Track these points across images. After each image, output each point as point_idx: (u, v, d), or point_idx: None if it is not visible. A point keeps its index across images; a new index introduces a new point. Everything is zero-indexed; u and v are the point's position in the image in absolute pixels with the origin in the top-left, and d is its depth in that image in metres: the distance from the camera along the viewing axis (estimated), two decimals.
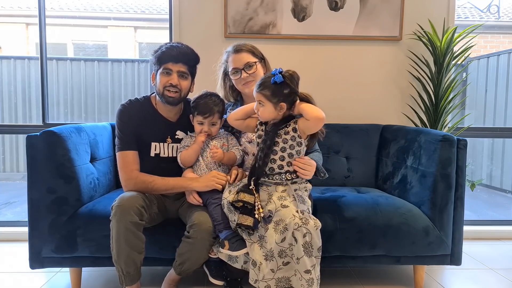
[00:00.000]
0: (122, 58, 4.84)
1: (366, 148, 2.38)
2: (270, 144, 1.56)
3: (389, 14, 2.59)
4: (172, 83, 1.71)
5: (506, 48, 5.15)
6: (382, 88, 2.66)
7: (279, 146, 1.57)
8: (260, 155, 1.57)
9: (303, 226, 1.44)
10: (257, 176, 1.56)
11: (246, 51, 1.81)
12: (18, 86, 4.72)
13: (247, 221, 1.49)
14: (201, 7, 2.56)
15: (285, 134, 1.57)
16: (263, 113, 1.57)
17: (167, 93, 1.72)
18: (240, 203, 1.51)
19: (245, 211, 1.51)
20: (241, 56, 1.80)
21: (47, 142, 1.71)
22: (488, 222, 2.94)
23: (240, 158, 1.78)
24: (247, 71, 1.79)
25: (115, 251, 1.57)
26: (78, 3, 5.31)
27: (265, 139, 1.57)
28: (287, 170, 1.58)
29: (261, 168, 1.56)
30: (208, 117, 1.72)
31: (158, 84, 1.73)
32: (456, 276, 2.14)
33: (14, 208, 4.01)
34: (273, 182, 1.59)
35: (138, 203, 1.57)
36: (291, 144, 1.57)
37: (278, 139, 1.57)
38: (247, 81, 1.80)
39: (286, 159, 1.58)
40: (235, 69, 1.80)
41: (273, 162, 1.58)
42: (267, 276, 1.48)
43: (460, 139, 1.83)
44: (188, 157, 1.74)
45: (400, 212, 1.82)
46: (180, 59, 1.72)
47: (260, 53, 1.86)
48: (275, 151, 1.57)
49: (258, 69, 1.81)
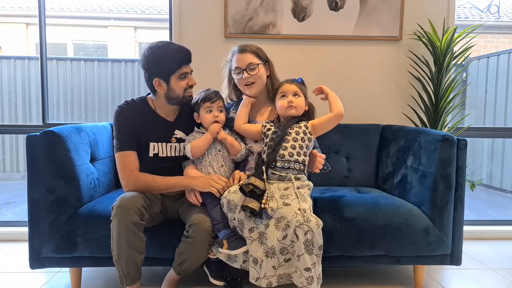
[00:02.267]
0: (122, 58, 4.84)
1: (366, 148, 2.38)
2: (283, 135, 1.63)
3: (389, 14, 2.59)
4: (192, 84, 1.77)
5: (506, 48, 5.16)
6: (382, 88, 2.66)
7: (291, 136, 1.64)
8: (271, 143, 1.63)
9: (304, 224, 1.44)
10: (268, 163, 1.59)
11: (250, 52, 1.81)
12: (18, 86, 4.72)
13: (253, 204, 1.49)
14: (201, 7, 2.56)
15: (298, 128, 1.66)
16: (300, 102, 1.69)
17: (187, 94, 1.76)
18: (250, 187, 1.51)
19: (253, 196, 1.51)
20: (245, 56, 1.79)
21: (47, 142, 1.71)
22: (488, 222, 2.93)
23: (244, 151, 1.78)
24: (249, 72, 1.78)
25: (115, 251, 1.57)
26: (78, 3, 5.31)
27: (277, 131, 1.65)
28: (296, 159, 1.61)
29: (272, 155, 1.60)
30: (215, 101, 1.75)
31: (177, 90, 1.72)
32: (456, 276, 2.14)
33: (14, 208, 4.01)
34: (277, 175, 1.60)
35: (139, 203, 1.57)
36: (302, 137, 1.64)
37: (291, 130, 1.65)
38: (248, 82, 1.80)
39: (297, 149, 1.62)
40: (237, 68, 1.81)
41: (285, 149, 1.61)
42: (269, 273, 1.48)
43: (460, 139, 1.83)
44: (199, 145, 1.73)
45: (400, 212, 1.82)
46: (189, 59, 1.75)
47: (265, 56, 1.86)
48: (287, 139, 1.63)
49: (260, 72, 1.80)
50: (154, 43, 1.72)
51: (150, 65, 1.70)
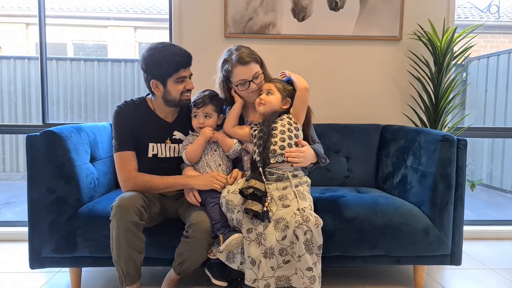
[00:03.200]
0: (122, 58, 4.84)
1: (366, 148, 2.38)
2: (269, 131, 1.64)
3: (389, 14, 2.59)
4: (190, 88, 1.75)
5: (506, 48, 5.15)
6: (382, 88, 2.66)
7: (277, 130, 1.65)
8: (259, 142, 1.63)
9: (304, 224, 1.44)
10: (263, 162, 1.60)
11: (253, 62, 1.75)
12: (18, 86, 4.71)
13: (256, 207, 1.48)
14: (201, 7, 2.56)
15: (280, 121, 1.68)
16: (270, 100, 1.69)
17: (184, 98, 1.74)
18: (250, 190, 1.50)
19: (255, 198, 1.51)
20: (249, 68, 1.74)
21: (47, 142, 1.71)
22: (488, 222, 2.93)
23: (237, 146, 1.77)
24: (255, 82, 1.76)
25: (115, 251, 1.57)
26: (78, 3, 5.30)
27: (263, 128, 1.65)
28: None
29: (264, 153, 1.61)
30: (200, 107, 1.74)
31: (173, 93, 1.72)
32: (456, 276, 2.14)
33: (14, 208, 4.01)
34: (275, 175, 1.61)
35: (138, 203, 1.57)
36: (288, 128, 1.66)
37: (276, 124, 1.67)
38: (254, 91, 1.78)
39: (286, 140, 1.64)
40: (243, 80, 1.75)
41: (274, 144, 1.62)
42: (267, 274, 1.47)
43: (460, 139, 1.83)
44: (193, 151, 1.74)
45: (400, 212, 1.82)
46: (188, 62, 1.72)
47: (259, 57, 1.82)
48: (275, 134, 1.64)
49: (262, 77, 1.80)
50: (154, 45, 1.70)
51: (148, 67, 1.69)
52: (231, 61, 1.76)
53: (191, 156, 1.75)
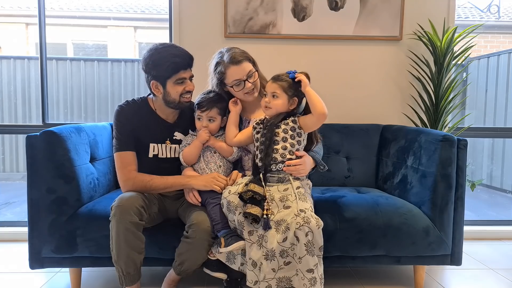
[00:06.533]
0: (122, 58, 4.84)
1: (366, 148, 2.37)
2: (271, 137, 1.59)
3: (389, 14, 2.59)
4: (190, 90, 1.73)
5: (506, 48, 5.15)
6: (382, 88, 2.66)
7: (280, 136, 1.61)
8: (261, 147, 1.60)
9: (305, 225, 1.43)
10: (265, 169, 1.58)
11: (245, 60, 1.74)
12: (18, 86, 4.71)
13: (255, 210, 1.48)
14: (201, 7, 2.56)
15: (285, 125, 1.62)
16: (276, 104, 1.61)
17: (184, 100, 1.73)
18: (249, 194, 1.50)
19: (254, 202, 1.50)
20: (242, 67, 1.73)
21: (47, 142, 1.71)
22: (488, 222, 2.93)
23: (236, 153, 1.77)
24: (250, 81, 1.75)
25: (115, 251, 1.57)
26: (78, 3, 5.30)
27: (265, 133, 1.60)
28: (290, 158, 1.60)
29: (265, 160, 1.58)
30: (205, 110, 1.73)
31: (172, 95, 1.71)
32: (456, 276, 2.13)
33: (14, 208, 4.01)
34: (276, 177, 1.60)
35: (138, 203, 1.57)
36: (291, 134, 1.61)
37: (278, 129, 1.61)
38: (250, 90, 1.77)
39: (288, 148, 1.60)
40: (238, 80, 1.74)
41: (276, 152, 1.59)
42: (268, 275, 1.47)
43: (460, 139, 1.83)
44: (190, 154, 1.74)
45: (400, 212, 1.82)
46: (189, 64, 1.71)
47: (251, 57, 1.81)
48: (277, 141, 1.60)
49: (256, 76, 1.79)
50: (155, 45, 1.70)
51: (148, 68, 1.69)
52: (223, 62, 1.75)
53: (188, 158, 1.75)
